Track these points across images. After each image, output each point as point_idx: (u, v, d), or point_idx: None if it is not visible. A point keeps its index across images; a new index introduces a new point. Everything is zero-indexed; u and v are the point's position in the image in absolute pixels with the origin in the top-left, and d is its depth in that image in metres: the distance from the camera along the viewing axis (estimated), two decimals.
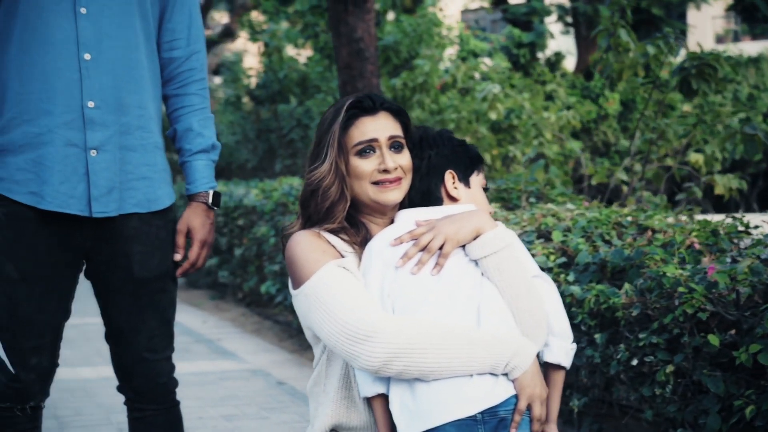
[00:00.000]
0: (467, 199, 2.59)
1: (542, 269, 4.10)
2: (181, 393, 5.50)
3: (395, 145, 2.54)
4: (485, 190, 2.68)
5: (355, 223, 2.56)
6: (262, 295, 8.28)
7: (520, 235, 4.41)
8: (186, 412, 5.09)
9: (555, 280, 3.99)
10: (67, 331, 2.84)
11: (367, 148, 2.51)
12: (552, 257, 4.12)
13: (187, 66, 2.85)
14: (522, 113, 8.09)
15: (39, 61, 2.61)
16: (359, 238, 2.53)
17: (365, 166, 2.51)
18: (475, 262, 2.44)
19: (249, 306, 8.95)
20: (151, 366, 2.84)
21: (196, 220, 2.84)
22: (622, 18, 5.93)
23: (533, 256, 4.16)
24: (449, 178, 2.58)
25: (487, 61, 14.77)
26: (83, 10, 2.63)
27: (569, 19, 16.77)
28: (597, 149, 13.41)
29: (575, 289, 3.83)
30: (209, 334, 7.73)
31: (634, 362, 3.49)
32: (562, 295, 3.89)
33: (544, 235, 4.40)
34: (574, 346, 2.56)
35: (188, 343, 7.31)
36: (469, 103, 9.16)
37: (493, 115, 7.79)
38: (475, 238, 2.43)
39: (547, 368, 2.55)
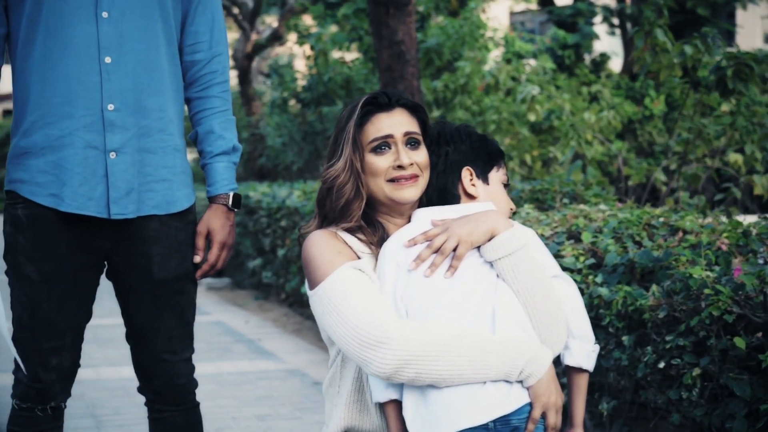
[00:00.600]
0: (486, 197, 2.55)
1: (571, 271, 4.11)
2: (218, 393, 5.60)
3: (411, 142, 2.51)
4: (506, 186, 2.64)
5: (372, 222, 2.53)
6: (303, 295, 8.33)
7: (550, 236, 4.39)
8: (221, 412, 5.19)
9: (583, 282, 3.97)
10: (110, 331, 2.89)
11: (383, 144, 2.49)
12: (582, 258, 4.10)
13: (209, 69, 2.88)
14: (562, 114, 8.05)
15: (60, 65, 2.66)
16: (376, 237, 2.50)
17: (380, 162, 2.49)
18: (491, 263, 2.40)
19: (291, 306, 9.02)
20: (170, 367, 2.87)
21: (216, 222, 2.86)
22: (659, 18, 5.88)
23: (562, 257, 4.16)
24: (466, 174, 2.54)
25: (532, 62, 14.69)
26: (105, 14, 2.67)
27: (615, 21, 16.62)
28: (643, 149, 13.28)
29: (603, 290, 3.81)
30: (250, 334, 7.80)
31: (661, 365, 3.46)
32: (590, 296, 3.87)
33: (575, 237, 4.38)
34: (597, 347, 2.52)
35: (229, 342, 7.39)
36: (510, 104, 9.14)
37: (531, 117, 7.76)
38: (490, 239, 2.39)
39: (569, 372, 2.52)
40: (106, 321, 7.90)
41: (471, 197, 2.55)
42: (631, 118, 13.24)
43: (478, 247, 2.41)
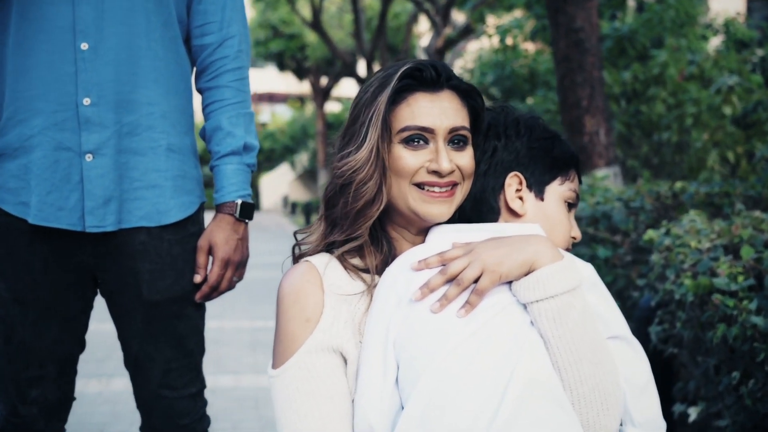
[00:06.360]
0: (535, 216, 1.93)
1: (725, 293, 3.39)
2: None
3: (456, 140, 1.90)
4: (572, 206, 1.99)
5: (377, 237, 1.93)
6: None
7: (706, 251, 3.67)
8: None
9: (737, 307, 3.25)
10: (267, 335, 2.49)
11: (417, 136, 1.88)
12: (740, 278, 3.37)
13: (220, 54, 2.44)
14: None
15: (33, 53, 2.30)
16: (378, 260, 1.91)
17: (410, 159, 1.87)
18: (525, 306, 1.77)
19: None
20: (169, 404, 2.45)
21: (219, 235, 2.41)
22: None
23: (716, 275, 3.45)
24: (512, 182, 1.92)
25: (758, 51, 13.45)
26: None
27: None
28: None
29: (758, 319, 3.08)
30: None
31: None
32: (742, 326, 3.16)
33: (737, 251, 3.64)
34: None
35: None
36: (708, 96, 8.21)
37: (727, 110, 6.86)
38: (528, 273, 1.77)
39: None
40: (259, 323, 7.76)
41: (514, 214, 1.93)
42: None
43: (510, 283, 1.79)
